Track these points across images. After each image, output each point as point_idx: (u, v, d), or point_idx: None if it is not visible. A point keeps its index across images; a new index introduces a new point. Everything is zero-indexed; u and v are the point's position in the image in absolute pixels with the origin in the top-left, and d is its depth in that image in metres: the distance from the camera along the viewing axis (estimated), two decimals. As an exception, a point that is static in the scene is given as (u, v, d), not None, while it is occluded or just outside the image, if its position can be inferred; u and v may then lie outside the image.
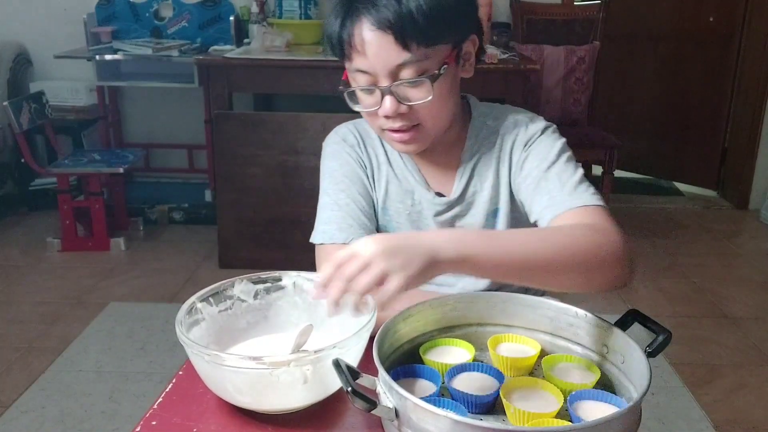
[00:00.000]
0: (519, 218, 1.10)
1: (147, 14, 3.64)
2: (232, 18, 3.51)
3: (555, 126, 1.09)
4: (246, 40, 3.42)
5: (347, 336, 0.81)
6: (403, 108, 0.99)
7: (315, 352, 0.79)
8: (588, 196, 0.97)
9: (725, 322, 2.68)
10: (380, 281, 0.73)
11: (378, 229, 1.16)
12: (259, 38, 3.12)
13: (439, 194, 1.12)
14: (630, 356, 0.84)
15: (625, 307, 1.27)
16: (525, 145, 1.07)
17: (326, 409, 0.87)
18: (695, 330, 2.61)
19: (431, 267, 0.75)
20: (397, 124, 1.00)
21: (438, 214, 1.12)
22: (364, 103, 1.02)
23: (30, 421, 2.02)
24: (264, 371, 0.79)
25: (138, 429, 0.82)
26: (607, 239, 0.87)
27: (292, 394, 0.82)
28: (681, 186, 4.35)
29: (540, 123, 1.09)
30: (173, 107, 3.86)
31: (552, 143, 1.05)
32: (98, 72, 3.44)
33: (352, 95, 1.02)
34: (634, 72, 4.31)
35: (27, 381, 2.21)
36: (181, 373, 0.95)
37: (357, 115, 1.09)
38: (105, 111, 3.72)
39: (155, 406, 0.87)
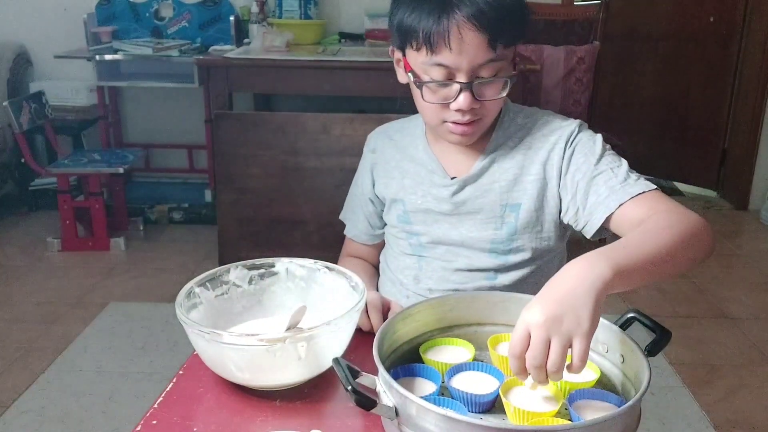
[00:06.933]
0: (538, 218, 1.11)
1: (147, 14, 3.64)
2: (232, 18, 3.51)
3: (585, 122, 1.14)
4: (246, 40, 3.42)
5: (338, 315, 0.86)
6: (476, 104, 1.02)
7: (309, 329, 0.84)
8: (643, 182, 1.01)
9: (725, 322, 2.68)
10: (566, 349, 0.73)
11: (399, 222, 1.19)
12: (259, 38, 3.13)
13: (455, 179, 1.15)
14: (630, 356, 0.84)
15: (625, 307, 1.27)
16: (567, 143, 1.09)
17: (324, 396, 0.87)
18: (695, 330, 2.61)
19: (599, 302, 0.75)
20: (466, 118, 1.04)
21: (454, 193, 1.13)
22: (437, 95, 1.04)
23: (30, 421, 2.02)
24: (261, 348, 0.83)
25: (138, 429, 0.82)
26: (689, 216, 0.92)
27: (288, 370, 0.86)
28: (681, 186, 4.34)
29: (574, 120, 1.12)
30: (173, 107, 3.86)
31: (593, 138, 1.09)
32: (98, 72, 3.44)
33: (424, 88, 1.04)
34: (634, 72, 4.31)
35: (27, 381, 2.21)
36: (181, 372, 0.95)
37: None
38: (105, 111, 3.72)
39: (155, 406, 0.87)
